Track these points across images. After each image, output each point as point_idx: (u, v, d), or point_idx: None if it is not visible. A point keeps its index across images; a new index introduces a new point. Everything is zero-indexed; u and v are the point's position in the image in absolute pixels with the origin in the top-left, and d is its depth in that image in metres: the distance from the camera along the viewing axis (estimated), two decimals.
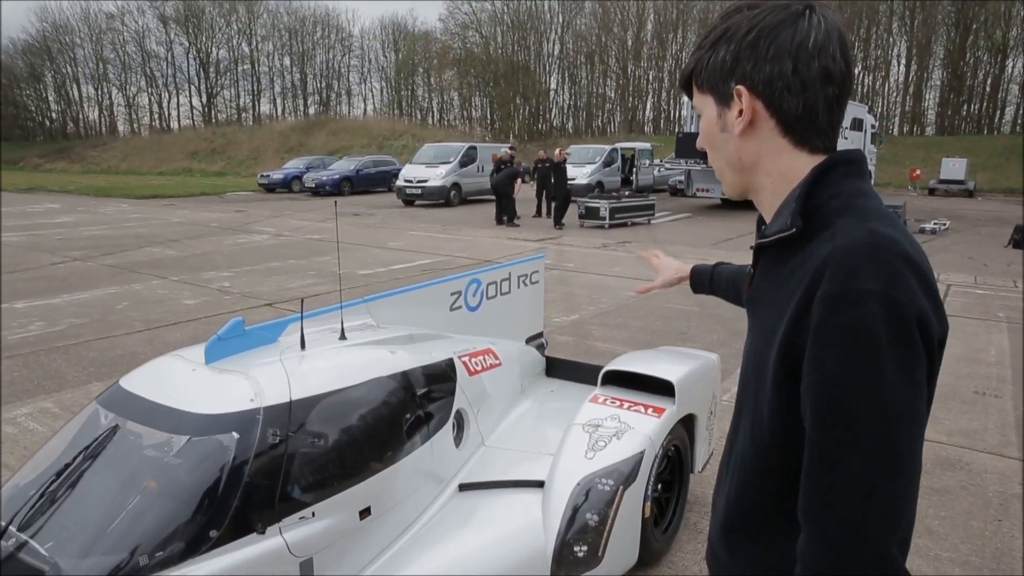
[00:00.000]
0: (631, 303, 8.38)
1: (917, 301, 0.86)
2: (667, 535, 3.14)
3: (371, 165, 27.51)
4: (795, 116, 0.99)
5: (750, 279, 1.13)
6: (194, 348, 2.45)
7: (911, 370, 0.86)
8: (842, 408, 0.86)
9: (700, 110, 1.10)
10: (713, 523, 1.20)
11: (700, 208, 21.28)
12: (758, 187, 1.07)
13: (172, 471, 1.96)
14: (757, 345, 1.05)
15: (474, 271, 3.64)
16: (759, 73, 0.98)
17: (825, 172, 0.99)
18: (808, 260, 0.93)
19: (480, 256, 11.79)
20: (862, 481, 0.85)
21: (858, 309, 0.84)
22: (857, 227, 0.91)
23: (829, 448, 0.87)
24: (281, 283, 9.30)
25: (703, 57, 1.05)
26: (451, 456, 2.77)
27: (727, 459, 1.16)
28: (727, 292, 1.75)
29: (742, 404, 1.10)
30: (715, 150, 1.09)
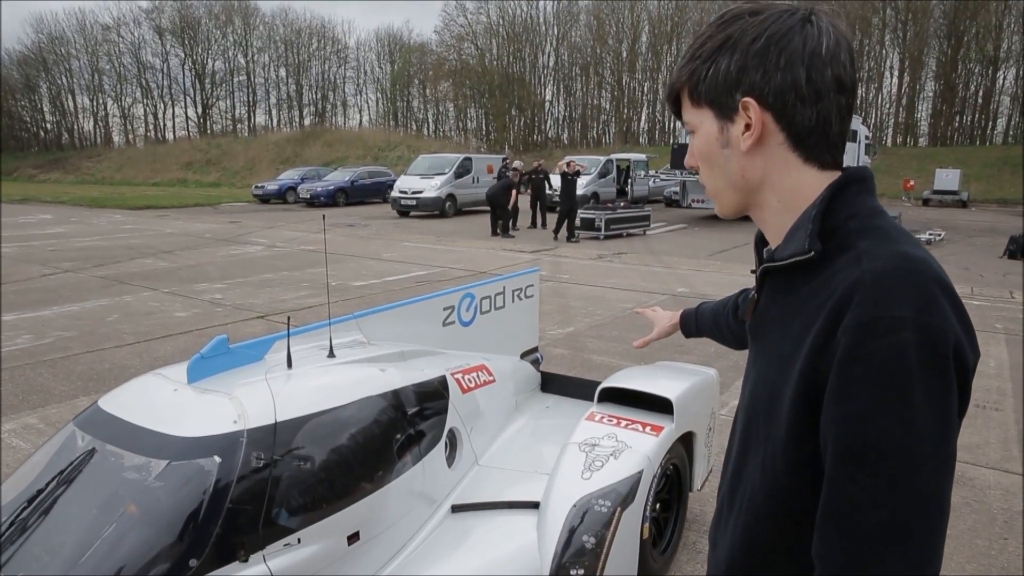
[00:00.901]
0: (627, 315, 8.31)
1: (952, 328, 0.80)
2: (666, 556, 3.06)
3: (366, 176, 27.50)
4: (808, 128, 0.92)
5: (754, 305, 1.06)
6: (176, 367, 2.37)
7: (945, 404, 0.80)
8: (869, 445, 0.79)
9: (695, 126, 1.01)
10: (714, 562, 1.12)
11: (695, 219, 21.28)
12: (761, 205, 1.00)
13: (151, 497, 1.87)
14: (767, 375, 0.98)
15: (468, 285, 3.56)
16: (769, 84, 0.91)
17: (840, 190, 0.93)
18: (829, 285, 0.87)
19: (475, 268, 11.72)
20: (887, 525, 0.79)
21: (891, 338, 0.78)
22: (885, 249, 0.85)
23: (852, 487, 0.81)
24: (274, 295, 9.21)
25: (699, 69, 0.96)
26: (443, 476, 2.69)
27: (729, 495, 1.08)
28: (711, 330, 1.69)
29: (749, 438, 1.02)
30: (713, 168, 1.01)
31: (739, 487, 1.04)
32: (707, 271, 11.67)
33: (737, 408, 1.18)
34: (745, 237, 16.57)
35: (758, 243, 1.12)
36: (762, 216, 1.02)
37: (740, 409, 1.10)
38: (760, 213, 1.02)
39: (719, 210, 1.06)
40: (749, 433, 1.02)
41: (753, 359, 1.05)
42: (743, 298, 1.56)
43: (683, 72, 1.00)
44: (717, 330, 1.65)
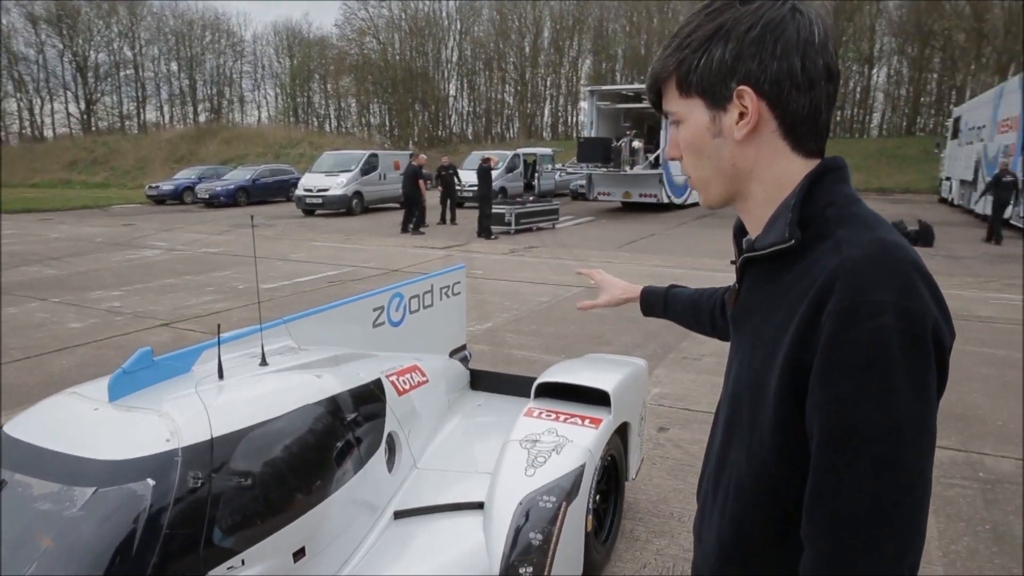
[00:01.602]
0: (543, 309, 8.39)
1: (930, 311, 0.83)
2: (607, 546, 3.10)
3: (268, 174, 26.55)
4: (800, 116, 0.94)
5: (735, 294, 1.07)
6: (94, 384, 2.20)
7: (925, 385, 0.82)
8: (854, 428, 0.82)
9: (681, 116, 1.00)
10: (702, 554, 1.13)
11: (602, 211, 21.72)
12: (747, 195, 1.01)
13: (77, 529, 1.72)
14: (750, 363, 0.99)
15: (396, 285, 3.49)
16: (765, 72, 0.91)
17: (818, 179, 0.95)
18: (810, 272, 0.89)
19: (388, 266, 11.54)
20: (873, 506, 0.82)
21: (873, 322, 0.80)
22: (863, 236, 0.88)
23: (838, 469, 0.83)
24: (178, 301, 8.75)
25: (688, 58, 0.96)
26: (384, 483, 2.62)
27: (713, 485, 1.09)
28: (683, 317, 1.65)
29: (733, 426, 1.03)
30: (702, 158, 1.00)
31: (723, 476, 1.05)
32: (617, 263, 11.92)
33: (720, 400, 1.19)
34: (651, 228, 17.06)
35: (737, 234, 1.13)
36: (746, 207, 1.03)
37: (723, 399, 1.10)
38: (744, 204, 1.02)
39: (704, 200, 1.06)
40: (733, 422, 1.03)
41: (735, 348, 1.06)
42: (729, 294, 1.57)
43: (669, 62, 0.99)
44: (693, 318, 1.61)
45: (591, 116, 21.18)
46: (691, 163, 1.03)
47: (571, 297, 9.01)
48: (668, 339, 6.85)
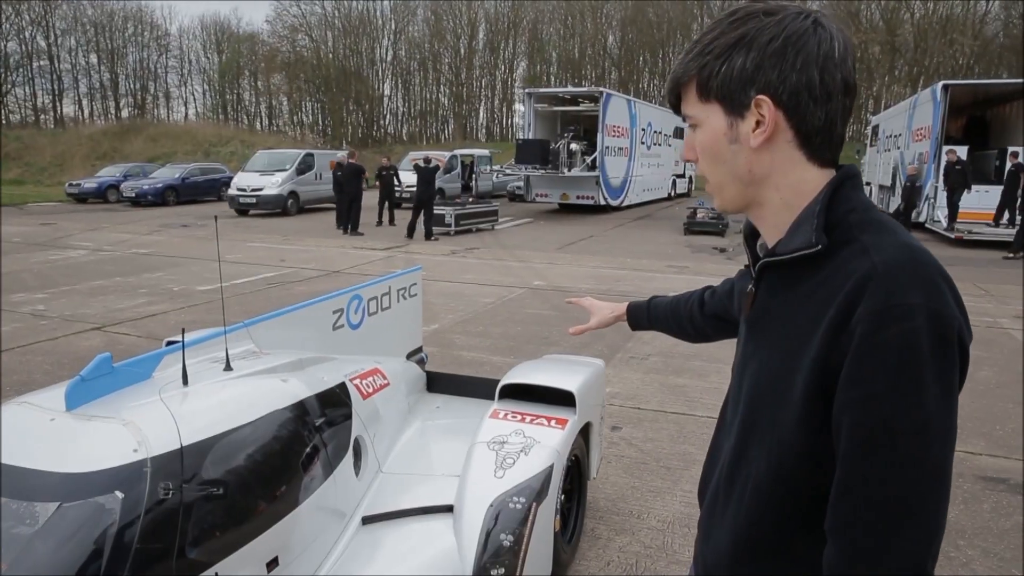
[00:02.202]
0: (489, 310, 8.39)
1: (955, 313, 0.87)
2: (572, 545, 3.12)
3: (198, 173, 25.66)
4: (816, 128, 0.96)
5: (751, 299, 1.09)
6: (46, 392, 2.08)
7: (950, 384, 0.87)
8: (885, 424, 0.85)
9: (699, 120, 1.02)
10: (712, 552, 1.14)
11: (540, 213, 21.87)
12: (762, 201, 1.03)
13: (40, 547, 1.62)
14: (770, 365, 1.01)
15: (355, 287, 3.43)
16: (785, 83, 0.93)
17: (839, 187, 0.98)
18: (836, 276, 0.92)
19: (328, 267, 11.34)
20: (902, 498, 0.85)
21: (905, 324, 0.84)
22: (889, 241, 0.91)
23: (869, 464, 0.86)
24: (109, 304, 8.36)
25: (710, 64, 0.97)
26: (353, 488, 2.57)
27: (727, 483, 1.09)
28: (667, 326, 1.72)
29: (752, 426, 1.04)
30: (718, 163, 1.02)
31: (739, 476, 1.06)
32: (559, 264, 12.03)
33: (726, 399, 1.21)
34: (590, 230, 17.27)
35: (748, 238, 1.15)
36: (761, 213, 1.04)
37: (736, 399, 1.11)
38: (760, 210, 1.04)
39: (719, 204, 1.07)
40: (753, 421, 1.04)
41: (752, 351, 1.07)
42: (710, 294, 1.60)
43: (691, 66, 1.00)
44: (676, 324, 1.67)
45: (529, 118, 21.30)
46: (707, 167, 1.04)
47: (515, 299, 9.04)
48: (615, 339, 6.95)
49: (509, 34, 55.66)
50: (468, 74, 56.85)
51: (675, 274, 11.04)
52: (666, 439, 4.59)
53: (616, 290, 9.59)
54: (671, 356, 6.47)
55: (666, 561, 3.20)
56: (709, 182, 1.06)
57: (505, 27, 55.36)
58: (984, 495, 3.90)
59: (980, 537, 3.47)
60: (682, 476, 4.05)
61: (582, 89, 24.24)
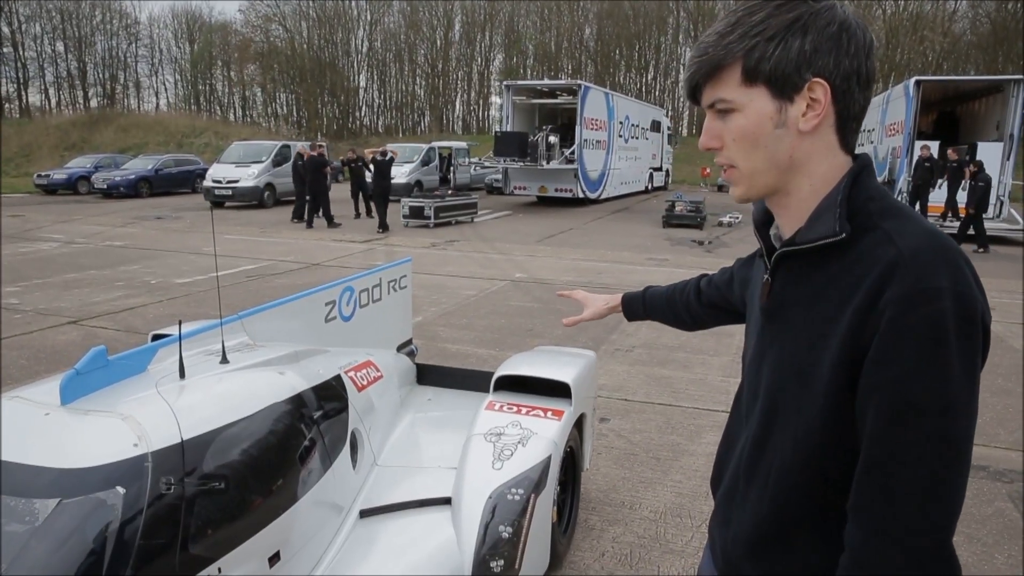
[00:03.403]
0: (472, 302, 8.37)
1: (979, 296, 0.90)
2: (568, 536, 3.12)
3: (172, 164, 25.21)
4: (854, 114, 0.99)
5: (768, 288, 1.09)
6: (39, 386, 2.03)
7: (974, 365, 0.89)
8: (912, 404, 0.87)
9: (739, 105, 0.98)
10: (733, 537, 1.15)
11: (518, 205, 21.84)
12: (790, 189, 1.02)
13: (40, 545, 1.58)
14: (793, 352, 1.02)
15: (346, 279, 3.39)
16: (839, 68, 0.95)
17: (859, 175, 1.00)
18: (860, 263, 0.93)
19: (307, 260, 11.23)
20: (927, 475, 0.87)
21: (932, 306, 0.86)
22: (912, 228, 0.93)
23: (894, 442, 0.88)
24: (84, 297, 8.19)
25: (760, 46, 0.95)
26: (351, 481, 2.55)
27: (748, 470, 1.10)
28: (664, 315, 1.74)
29: (775, 412, 1.05)
30: (757, 148, 0.99)
31: (762, 462, 1.07)
32: (540, 256, 12.03)
33: (739, 390, 1.21)
34: (569, 223, 17.29)
35: (759, 227, 1.15)
36: (787, 201, 1.04)
37: (754, 389, 1.12)
38: (785, 198, 1.04)
39: (741, 193, 1.05)
40: (775, 410, 1.05)
41: (771, 340, 1.08)
42: (706, 282, 1.61)
43: (734, 48, 0.96)
44: (672, 313, 1.70)
45: (507, 110, 21.24)
46: (741, 153, 1.02)
47: (497, 291, 9.03)
48: (598, 332, 6.96)
49: (486, 26, 55.41)
50: (444, 66, 56.53)
51: (655, 267, 11.09)
52: (654, 430, 4.62)
53: (597, 282, 9.62)
54: (655, 348, 6.51)
55: (660, 551, 3.22)
56: (738, 169, 1.03)
57: (482, 19, 55.10)
58: (989, 489, 3.93)
59: (963, 523, 3.52)
60: (671, 466, 4.08)
61: (560, 82, 24.25)
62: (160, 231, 14.68)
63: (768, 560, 1.08)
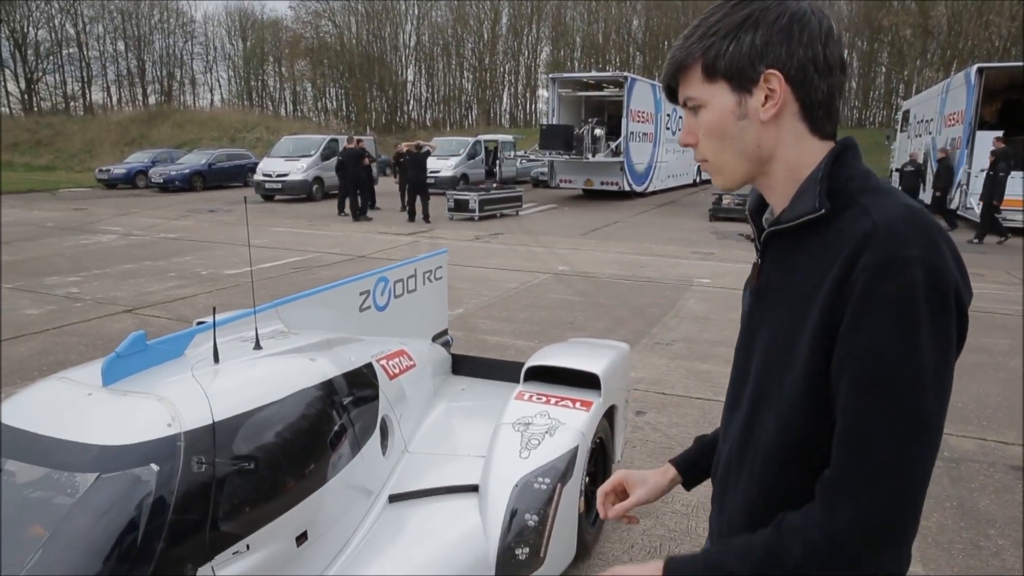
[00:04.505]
0: (513, 295, 8.40)
1: (952, 270, 0.90)
2: (596, 527, 3.13)
3: (224, 159, 25.93)
4: (818, 101, 1.01)
5: (757, 270, 1.11)
6: (83, 368, 2.13)
7: (946, 337, 0.90)
8: (881, 375, 0.88)
9: (703, 101, 1.05)
10: (725, 525, 1.16)
11: (564, 199, 21.79)
12: (768, 174, 1.06)
13: (80, 516, 1.67)
14: (780, 332, 1.03)
15: (381, 269, 3.46)
16: (793, 58, 0.98)
17: (840, 156, 1.02)
18: (839, 238, 0.95)
19: (353, 252, 11.42)
20: (896, 447, 0.88)
21: (903, 276, 0.87)
22: (890, 201, 0.95)
23: (864, 414, 0.89)
24: (139, 287, 8.51)
25: (716, 44, 1.01)
26: (380, 466, 2.60)
27: (738, 458, 1.11)
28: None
29: (761, 397, 1.06)
30: (725, 141, 1.05)
31: (749, 445, 1.08)
32: (584, 249, 12.00)
33: (732, 378, 1.20)
34: (615, 216, 17.19)
35: (753, 213, 1.17)
36: (769, 184, 1.08)
37: (743, 373, 1.12)
38: (767, 181, 1.08)
39: (721, 183, 1.11)
40: (762, 392, 1.05)
41: (760, 321, 1.09)
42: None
43: (694, 48, 1.03)
44: None
45: (553, 103, 21.17)
46: (711, 147, 1.07)
47: (539, 284, 9.05)
48: (639, 325, 6.93)
49: (533, 18, 55.24)
50: (491, 59, 56.60)
51: (700, 260, 10.96)
52: (691, 424, 4.58)
53: (641, 276, 9.55)
54: (696, 342, 6.44)
55: (690, 545, 3.20)
56: (710, 162, 1.09)
57: (529, 11, 54.96)
58: (1015, 485, 3.84)
59: (1011, 527, 3.43)
60: None
61: (606, 74, 24.04)
62: (212, 224, 15.10)
63: None
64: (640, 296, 8.25)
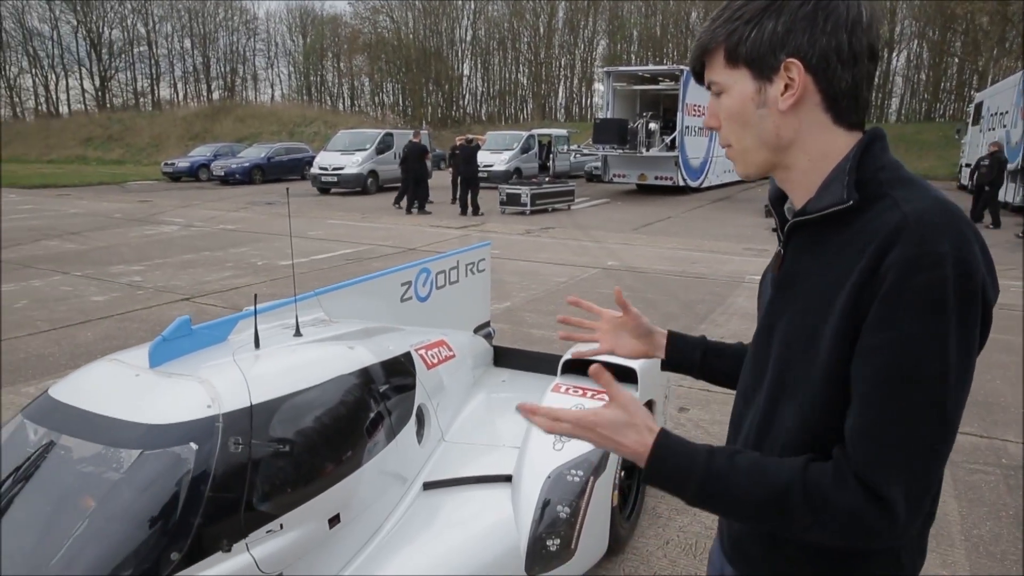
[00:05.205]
0: (561, 289, 8.39)
1: (980, 267, 0.88)
2: (631, 522, 3.12)
3: (283, 152, 26.59)
4: (842, 91, 0.97)
5: (780, 261, 1.09)
6: (133, 351, 2.23)
7: (971, 336, 0.89)
8: (906, 369, 0.87)
9: (726, 87, 1.03)
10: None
11: (617, 193, 21.62)
12: (789, 165, 1.04)
13: (123, 490, 1.76)
14: (803, 323, 1.00)
15: (423, 260, 3.51)
16: (814, 47, 0.95)
17: (869, 146, 0.99)
18: (867, 229, 0.93)
19: (404, 244, 11.57)
20: (915, 440, 0.88)
21: (933, 272, 0.85)
22: (922, 195, 0.93)
23: (886, 407, 0.88)
24: (198, 276, 8.82)
25: (739, 29, 0.99)
26: (414, 454, 2.65)
27: (756, 446, 1.09)
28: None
29: (782, 386, 1.03)
30: (745, 128, 1.03)
31: (767, 436, 1.06)
32: (635, 244, 11.90)
33: (745, 368, 1.18)
34: (667, 211, 16.98)
35: (775, 203, 1.15)
36: (788, 176, 1.05)
37: (761, 363, 1.08)
38: (787, 173, 1.05)
39: (741, 169, 1.09)
40: (783, 382, 1.03)
41: (781, 311, 1.06)
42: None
43: (719, 32, 1.01)
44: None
45: (607, 97, 21.02)
46: (733, 133, 1.05)
47: (588, 278, 9.02)
48: (687, 321, 6.85)
49: (589, 12, 54.90)
50: (547, 53, 56.46)
51: (753, 256, 10.74)
52: None
53: (691, 272, 9.43)
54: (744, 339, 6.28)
55: None
56: (732, 148, 1.07)
57: (585, 5, 54.60)
58: None
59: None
60: None
61: (662, 68, 23.73)
62: (269, 216, 15.51)
63: (771, 535, 1.07)
64: (690, 292, 8.14)
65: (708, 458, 0.98)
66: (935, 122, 40.92)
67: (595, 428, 1.03)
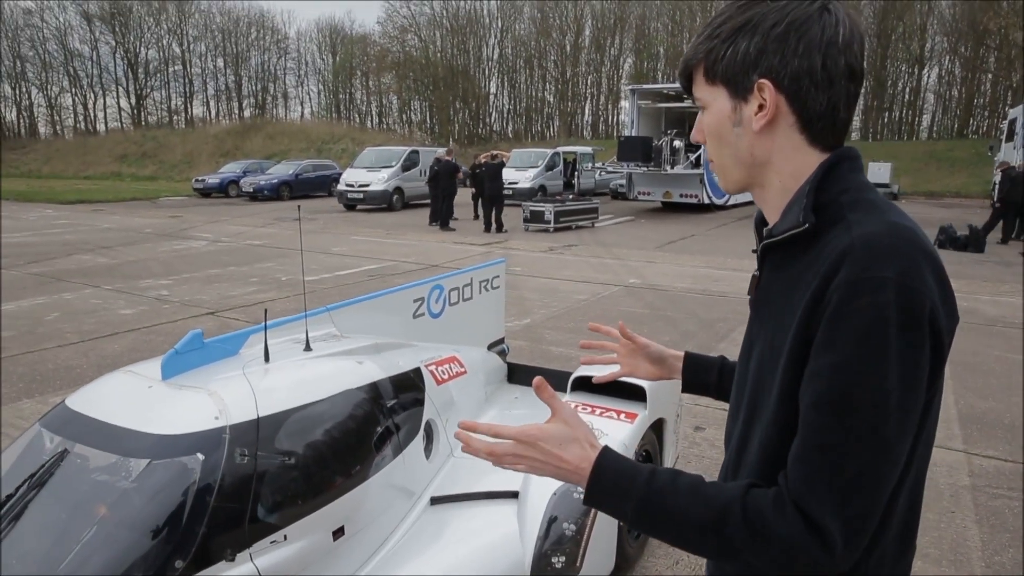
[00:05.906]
0: (582, 306, 8.39)
1: (929, 292, 0.87)
2: (640, 540, 3.11)
3: (310, 169, 27.00)
4: (818, 113, 0.96)
5: (756, 282, 1.10)
6: (148, 363, 2.29)
7: (915, 362, 0.86)
8: (844, 395, 0.86)
9: (706, 103, 1.04)
10: None
11: (642, 211, 21.58)
12: (763, 183, 1.04)
13: (131, 498, 1.81)
14: (768, 346, 1.01)
15: (436, 277, 3.55)
16: (786, 68, 0.94)
17: (832, 168, 0.98)
18: (823, 253, 0.92)
19: (427, 261, 11.65)
20: (853, 470, 0.86)
21: (874, 296, 0.84)
22: (875, 218, 0.92)
23: (825, 433, 0.87)
24: (223, 291, 8.97)
25: (717, 48, 0.99)
26: (422, 469, 2.67)
27: (732, 473, 1.09)
28: None
29: (753, 412, 1.04)
30: (722, 145, 1.04)
31: (743, 458, 1.05)
32: (657, 262, 11.86)
33: (732, 390, 1.19)
34: (692, 229, 16.92)
35: (758, 224, 1.15)
36: (763, 195, 1.06)
37: (743, 383, 1.09)
38: (762, 192, 1.06)
39: (722, 185, 1.10)
40: (755, 404, 1.03)
41: (756, 333, 1.07)
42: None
43: (699, 50, 1.02)
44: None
45: (632, 115, 21.04)
46: (712, 148, 1.07)
47: (609, 296, 9.01)
48: (705, 339, 6.81)
49: (615, 30, 55.10)
50: (574, 71, 56.71)
51: None
52: None
53: (713, 290, 9.37)
54: None
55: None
56: (714, 163, 1.08)
57: (611, 23, 54.84)
58: None
59: None
60: None
61: None
62: (295, 232, 15.70)
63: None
64: (710, 310, 8.09)
65: (650, 477, 0.97)
66: (968, 139, 40.24)
67: (537, 443, 1.02)
